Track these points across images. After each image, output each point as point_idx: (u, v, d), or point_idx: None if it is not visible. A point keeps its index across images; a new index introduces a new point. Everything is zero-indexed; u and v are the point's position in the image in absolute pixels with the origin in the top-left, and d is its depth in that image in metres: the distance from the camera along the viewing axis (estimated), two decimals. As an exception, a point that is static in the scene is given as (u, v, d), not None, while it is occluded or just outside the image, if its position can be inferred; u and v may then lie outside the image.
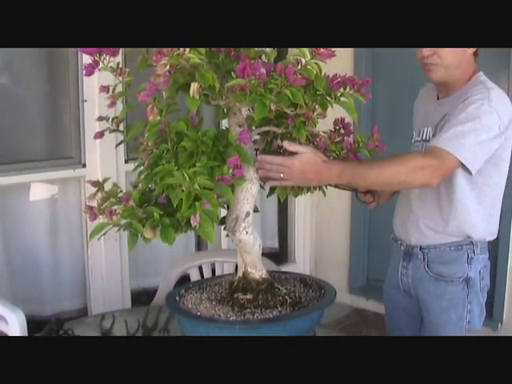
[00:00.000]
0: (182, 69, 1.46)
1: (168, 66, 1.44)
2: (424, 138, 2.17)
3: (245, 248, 1.70)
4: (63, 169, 3.03)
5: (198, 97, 1.46)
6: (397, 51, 2.16)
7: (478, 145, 1.94)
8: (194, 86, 1.46)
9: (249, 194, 1.64)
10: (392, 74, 2.20)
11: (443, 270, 2.13)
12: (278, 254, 4.42)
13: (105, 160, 3.07)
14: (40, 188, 3.14)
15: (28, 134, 3.02)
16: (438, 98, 2.19)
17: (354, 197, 4.37)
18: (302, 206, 4.37)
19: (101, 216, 1.52)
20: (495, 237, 2.18)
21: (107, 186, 1.63)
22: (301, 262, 4.48)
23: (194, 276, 2.62)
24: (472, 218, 2.09)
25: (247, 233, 1.67)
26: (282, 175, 1.67)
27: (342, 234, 4.41)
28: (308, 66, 1.54)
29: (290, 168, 1.66)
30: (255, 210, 1.71)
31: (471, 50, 2.06)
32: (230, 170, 1.46)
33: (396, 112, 3.90)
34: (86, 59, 1.59)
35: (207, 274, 2.64)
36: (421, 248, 2.16)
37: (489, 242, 2.18)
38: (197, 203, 1.42)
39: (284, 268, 4.27)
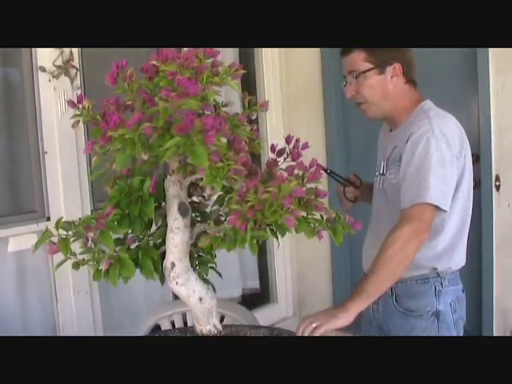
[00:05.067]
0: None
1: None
2: (380, 172, 2.17)
3: (182, 300, 1.63)
4: (27, 224, 2.94)
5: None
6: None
7: (441, 180, 1.93)
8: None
9: (170, 243, 1.57)
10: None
11: (411, 305, 2.09)
12: (260, 295, 4.33)
13: (70, 212, 2.95)
14: (4, 244, 3.03)
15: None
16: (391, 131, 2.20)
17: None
18: (281, 245, 4.28)
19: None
20: (463, 264, 2.13)
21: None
22: (283, 302, 4.37)
23: (166, 327, 2.52)
24: (434, 247, 2.05)
25: (177, 283, 1.59)
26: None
27: (324, 271, 4.33)
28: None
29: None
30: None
31: (399, 81, 2.07)
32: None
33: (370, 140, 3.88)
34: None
35: (178, 324, 2.54)
36: None
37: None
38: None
39: (267, 309, 4.18)
